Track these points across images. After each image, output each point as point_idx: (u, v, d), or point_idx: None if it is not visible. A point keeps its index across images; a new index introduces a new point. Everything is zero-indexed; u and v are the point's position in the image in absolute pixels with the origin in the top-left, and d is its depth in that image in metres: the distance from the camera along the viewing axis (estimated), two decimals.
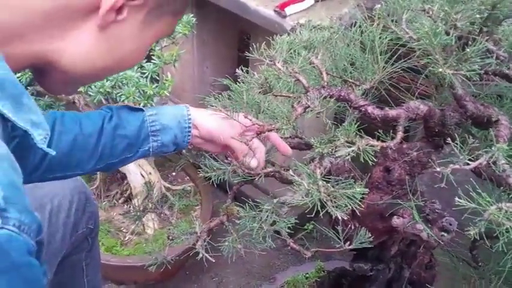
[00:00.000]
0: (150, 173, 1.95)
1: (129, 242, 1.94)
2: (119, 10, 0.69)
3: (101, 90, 1.43)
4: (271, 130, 0.92)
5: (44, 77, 0.77)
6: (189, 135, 1.10)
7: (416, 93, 1.22)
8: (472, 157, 0.82)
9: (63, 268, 1.30)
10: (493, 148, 0.82)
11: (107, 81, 1.43)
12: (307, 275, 1.80)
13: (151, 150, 1.09)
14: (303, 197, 0.85)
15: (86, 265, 1.37)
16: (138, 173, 1.94)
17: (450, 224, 0.98)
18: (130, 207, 2.00)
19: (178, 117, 1.09)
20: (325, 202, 0.84)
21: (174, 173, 2.21)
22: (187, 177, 2.19)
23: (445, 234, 0.98)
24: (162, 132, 1.09)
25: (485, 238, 0.88)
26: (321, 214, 0.84)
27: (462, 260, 1.28)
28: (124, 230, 1.98)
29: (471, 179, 0.83)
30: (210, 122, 1.10)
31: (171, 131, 1.09)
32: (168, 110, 1.11)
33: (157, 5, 0.73)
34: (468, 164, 0.81)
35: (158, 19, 0.76)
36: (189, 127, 1.09)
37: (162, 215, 1.91)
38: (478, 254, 1.21)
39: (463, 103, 0.95)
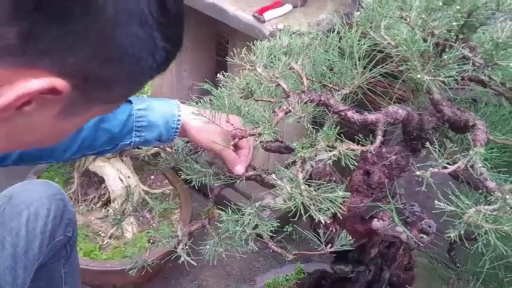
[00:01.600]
0: (128, 177, 1.94)
1: (107, 246, 1.93)
2: (24, 104, 0.53)
3: None
4: (253, 135, 0.93)
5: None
6: (175, 135, 1.08)
7: (394, 98, 1.24)
8: (450, 161, 0.84)
9: (41, 276, 1.28)
10: (470, 152, 0.84)
11: None
12: (287, 277, 1.81)
13: (132, 144, 1.07)
14: (285, 201, 0.86)
15: (65, 273, 1.36)
16: (116, 176, 1.92)
17: (429, 226, 1.00)
18: (108, 211, 1.98)
19: (167, 117, 1.06)
20: (307, 206, 0.84)
21: (152, 177, 2.20)
22: (166, 181, 2.18)
23: (425, 236, 1.00)
24: (148, 130, 1.06)
25: (464, 240, 0.89)
26: (304, 218, 0.85)
27: (440, 261, 1.30)
28: (102, 234, 1.97)
29: (450, 182, 0.85)
30: (199, 132, 1.08)
31: (157, 129, 1.06)
32: (158, 106, 1.07)
33: (78, 100, 0.58)
34: (446, 168, 0.83)
35: (83, 110, 0.61)
36: (177, 128, 1.07)
37: (141, 218, 1.90)
38: (456, 255, 1.23)
39: (440, 108, 0.97)
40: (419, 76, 0.83)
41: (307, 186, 0.88)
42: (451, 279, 1.25)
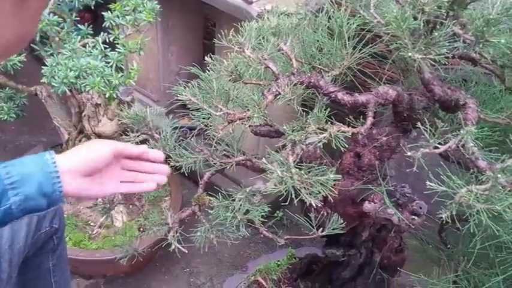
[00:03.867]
0: None
1: (97, 235, 1.91)
2: None
3: (64, 80, 1.38)
4: (242, 118, 0.91)
5: None
6: (59, 181, 0.91)
7: (384, 79, 1.23)
8: (442, 141, 0.82)
9: (29, 269, 1.26)
10: (461, 131, 0.83)
11: (70, 71, 1.39)
12: (279, 262, 1.80)
13: (13, 207, 0.88)
14: (276, 185, 0.85)
15: (53, 266, 1.33)
16: None
17: (420, 208, 0.99)
18: (97, 200, 1.96)
19: (40, 163, 0.91)
20: (298, 189, 0.83)
21: None
22: None
23: (416, 218, 1.00)
24: (23, 183, 0.88)
25: (456, 220, 0.89)
26: (295, 202, 0.83)
27: (431, 242, 1.30)
28: (92, 224, 1.95)
29: (441, 162, 0.84)
30: (83, 154, 0.95)
31: (34, 180, 0.89)
32: (26, 159, 0.92)
33: None
34: (437, 148, 0.82)
35: None
36: (56, 171, 0.91)
37: (131, 206, 1.88)
38: (447, 236, 1.23)
39: (431, 87, 0.96)
40: (410, 54, 0.82)
41: (297, 169, 0.87)
42: (442, 260, 1.25)
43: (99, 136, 1.85)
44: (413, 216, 1.00)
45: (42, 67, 1.45)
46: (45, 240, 1.28)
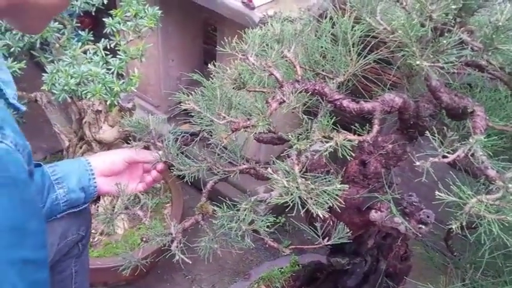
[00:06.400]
0: None
1: (98, 243, 1.89)
2: None
3: (65, 88, 1.36)
4: (246, 127, 0.89)
5: (21, 18, 0.76)
6: (93, 177, 1.17)
7: (388, 85, 1.21)
8: (450, 149, 0.81)
9: (52, 273, 1.26)
10: (470, 140, 0.81)
11: (71, 78, 1.37)
12: (282, 270, 1.78)
13: (59, 197, 1.12)
14: (282, 195, 0.83)
15: (75, 272, 1.34)
16: None
17: (428, 217, 0.97)
18: (98, 207, 1.94)
19: (76, 163, 1.18)
20: (305, 200, 0.81)
21: None
22: None
23: (423, 227, 0.98)
24: (66, 178, 1.13)
25: (464, 228, 0.87)
26: (301, 212, 0.82)
27: (437, 250, 1.28)
28: (93, 231, 1.93)
29: (450, 172, 0.83)
30: (106, 156, 1.21)
31: (74, 175, 1.14)
32: (66, 161, 1.20)
33: None
34: (446, 157, 0.80)
35: None
36: (91, 169, 1.16)
37: (133, 215, 1.85)
38: (453, 243, 1.21)
39: (438, 94, 0.94)
40: (418, 62, 0.80)
41: (303, 179, 0.85)
42: (448, 268, 1.24)
43: (100, 143, 1.84)
44: (421, 225, 0.98)
45: (43, 74, 1.44)
46: (71, 246, 1.29)
